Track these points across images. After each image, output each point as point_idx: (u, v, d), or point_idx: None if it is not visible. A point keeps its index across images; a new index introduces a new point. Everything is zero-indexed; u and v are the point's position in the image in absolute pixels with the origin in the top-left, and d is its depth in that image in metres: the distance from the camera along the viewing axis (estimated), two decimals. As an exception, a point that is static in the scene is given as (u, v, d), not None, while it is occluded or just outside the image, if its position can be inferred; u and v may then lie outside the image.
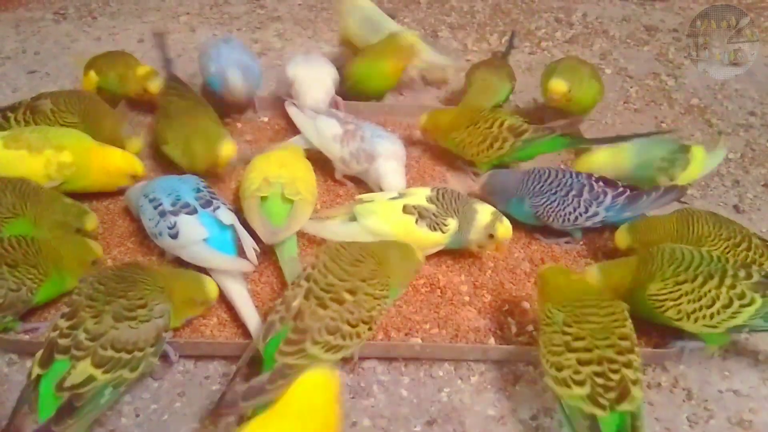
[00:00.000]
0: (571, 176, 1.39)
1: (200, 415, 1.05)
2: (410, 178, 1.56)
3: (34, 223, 1.26)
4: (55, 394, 0.92)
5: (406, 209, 1.29)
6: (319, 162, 1.56)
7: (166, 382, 1.10)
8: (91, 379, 0.93)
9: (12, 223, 1.24)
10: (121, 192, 1.48)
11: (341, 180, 1.56)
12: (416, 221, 1.28)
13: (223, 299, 1.22)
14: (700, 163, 1.48)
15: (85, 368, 0.93)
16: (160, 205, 1.26)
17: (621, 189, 1.37)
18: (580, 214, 1.36)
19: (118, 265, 1.13)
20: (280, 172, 1.37)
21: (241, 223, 1.29)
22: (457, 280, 1.31)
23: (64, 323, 0.98)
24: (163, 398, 1.08)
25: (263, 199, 1.34)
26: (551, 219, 1.37)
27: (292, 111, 1.62)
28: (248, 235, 1.27)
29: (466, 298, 1.27)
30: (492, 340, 1.18)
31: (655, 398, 1.10)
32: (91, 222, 1.33)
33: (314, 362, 0.96)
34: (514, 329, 1.21)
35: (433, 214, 1.28)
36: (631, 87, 2.09)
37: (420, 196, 1.32)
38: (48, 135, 1.40)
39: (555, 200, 1.36)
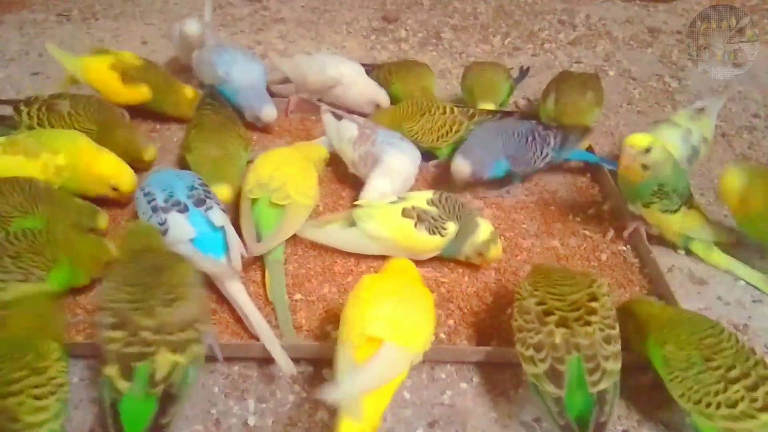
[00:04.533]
0: (522, 126, 1.54)
1: (202, 417, 1.05)
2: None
3: (47, 224, 1.26)
4: (147, 394, 0.92)
5: (405, 212, 1.28)
6: (333, 162, 1.58)
7: (168, 384, 1.10)
8: (175, 364, 0.94)
9: (20, 221, 1.24)
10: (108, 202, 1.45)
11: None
12: (415, 225, 1.27)
13: (224, 301, 1.22)
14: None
15: (166, 358, 0.94)
16: (154, 200, 1.27)
17: (554, 129, 1.56)
18: (538, 158, 1.51)
19: (125, 261, 1.11)
20: (272, 173, 1.37)
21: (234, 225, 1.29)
22: (459, 282, 1.30)
23: (119, 334, 0.96)
24: (165, 400, 1.07)
25: (254, 201, 1.34)
26: (521, 167, 1.52)
27: (327, 118, 1.59)
28: (237, 239, 1.26)
29: (469, 300, 1.26)
30: (495, 343, 1.18)
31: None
32: (103, 221, 1.34)
33: (615, 377, 0.96)
34: (516, 331, 1.20)
35: (432, 218, 1.28)
36: (635, 89, 2.09)
37: (420, 198, 1.32)
38: (42, 139, 1.40)
39: (524, 149, 1.51)
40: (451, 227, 1.28)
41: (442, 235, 1.27)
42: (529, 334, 1.00)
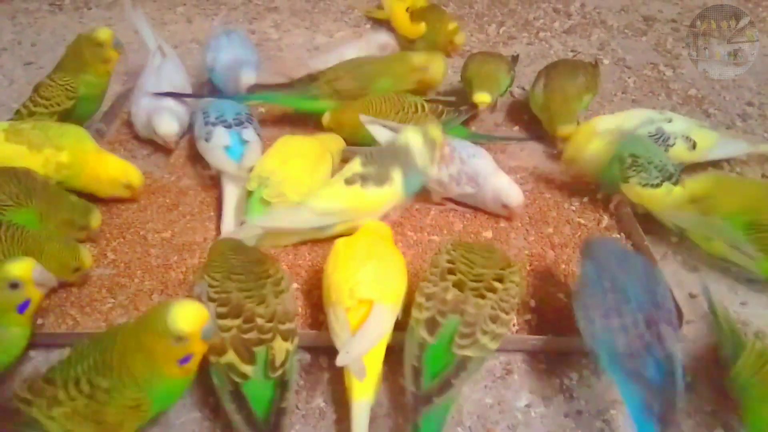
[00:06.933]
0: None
1: (201, 405, 1.06)
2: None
3: (41, 219, 1.26)
4: (266, 378, 0.96)
5: (347, 181, 1.31)
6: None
7: (166, 372, 1.11)
8: (288, 353, 0.99)
9: (12, 212, 1.24)
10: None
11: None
12: (361, 185, 1.29)
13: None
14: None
15: (281, 345, 0.99)
16: (208, 116, 1.55)
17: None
18: None
19: (222, 257, 1.11)
20: (277, 168, 1.37)
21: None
22: (455, 270, 1.31)
23: (234, 322, 0.99)
24: (163, 388, 1.08)
25: (249, 192, 1.36)
26: None
27: (375, 129, 1.52)
28: (257, 152, 1.49)
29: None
30: (490, 330, 1.19)
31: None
32: (96, 220, 1.33)
33: (485, 353, 0.98)
34: (511, 319, 1.21)
35: (375, 172, 1.30)
36: (629, 77, 2.09)
37: (352, 167, 1.34)
38: (49, 133, 1.40)
39: None
40: (396, 174, 1.31)
41: (391, 185, 1.30)
42: (427, 284, 1.05)
